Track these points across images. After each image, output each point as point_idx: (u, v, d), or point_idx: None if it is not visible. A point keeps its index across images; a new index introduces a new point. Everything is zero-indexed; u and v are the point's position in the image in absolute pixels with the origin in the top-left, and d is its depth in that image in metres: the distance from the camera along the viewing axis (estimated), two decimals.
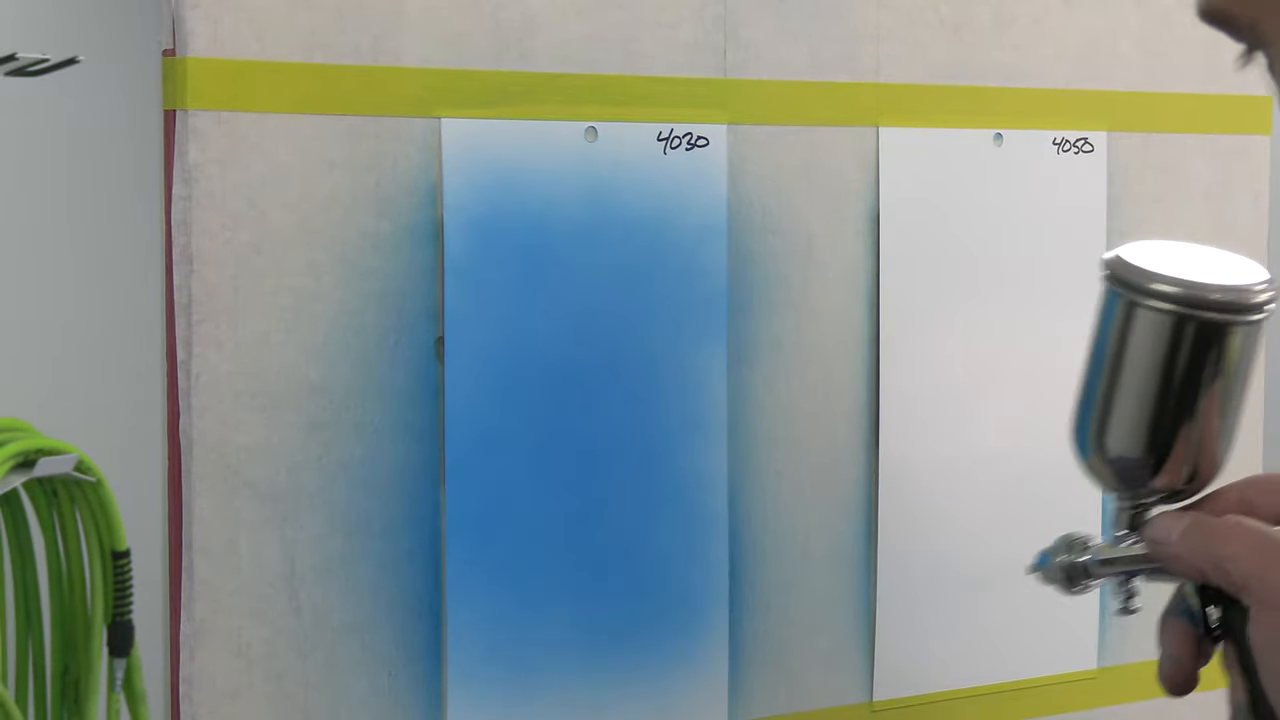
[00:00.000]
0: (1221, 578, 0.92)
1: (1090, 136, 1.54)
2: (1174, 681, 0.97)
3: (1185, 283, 0.96)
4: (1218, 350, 0.97)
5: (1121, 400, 1.00)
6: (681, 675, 1.38)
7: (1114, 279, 0.99)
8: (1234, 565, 0.90)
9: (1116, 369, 0.99)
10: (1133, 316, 0.98)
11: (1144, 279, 0.98)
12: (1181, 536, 0.95)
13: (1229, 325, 0.97)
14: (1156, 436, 0.99)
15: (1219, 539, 0.92)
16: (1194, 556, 0.93)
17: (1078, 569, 1.03)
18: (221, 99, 1.19)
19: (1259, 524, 0.92)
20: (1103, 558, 1.02)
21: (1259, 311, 0.97)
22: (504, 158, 1.29)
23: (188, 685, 1.20)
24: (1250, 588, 0.89)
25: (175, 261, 1.19)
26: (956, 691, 1.51)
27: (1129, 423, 0.99)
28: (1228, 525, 0.93)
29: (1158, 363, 0.97)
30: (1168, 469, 0.99)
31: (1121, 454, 1.00)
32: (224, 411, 1.20)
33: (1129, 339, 0.98)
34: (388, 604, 1.26)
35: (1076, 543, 1.04)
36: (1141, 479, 1.00)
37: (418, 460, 1.27)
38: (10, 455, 1.10)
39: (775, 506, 1.41)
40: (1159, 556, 0.97)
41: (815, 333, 1.42)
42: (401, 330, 1.26)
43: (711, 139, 1.37)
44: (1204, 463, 0.99)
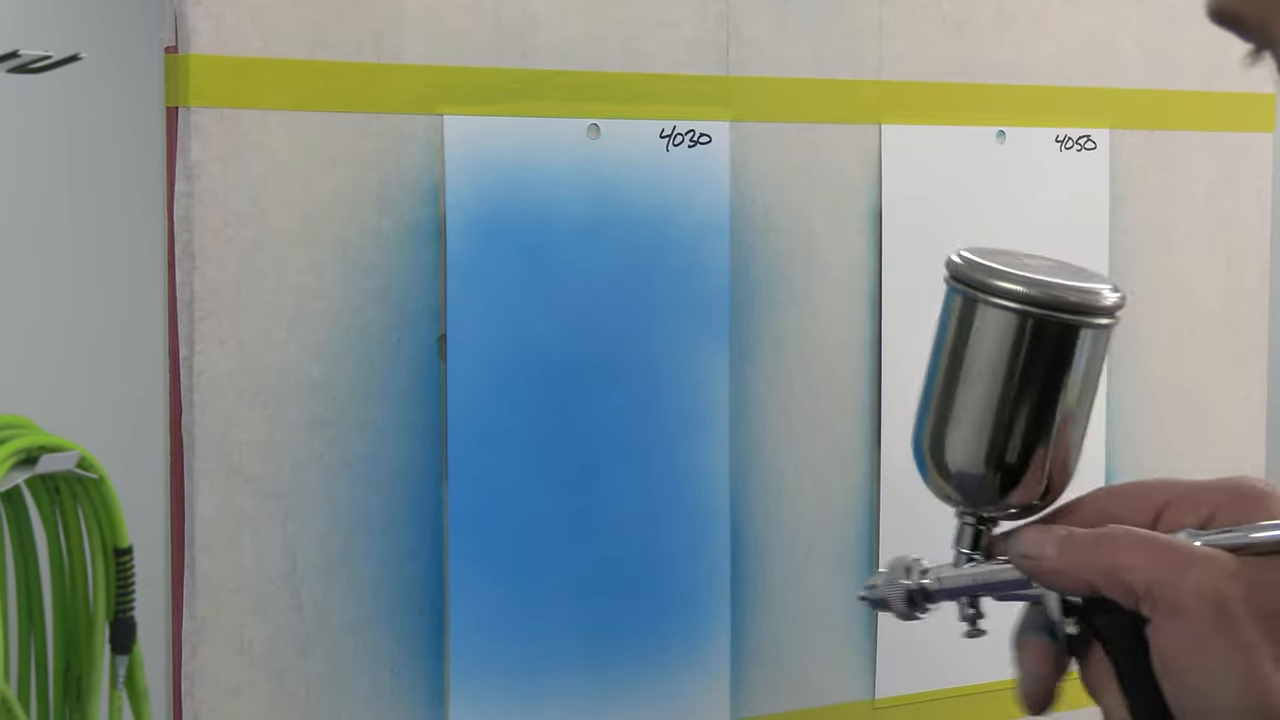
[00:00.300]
0: (1115, 588, 0.88)
1: (1093, 134, 1.54)
2: (1038, 701, 0.93)
3: (1035, 281, 0.92)
4: (1068, 355, 0.93)
5: (963, 411, 0.95)
6: (683, 673, 1.38)
7: (959, 279, 0.95)
8: (1132, 574, 0.87)
9: (958, 377, 0.94)
10: (976, 316, 0.94)
11: (991, 275, 0.93)
12: (1060, 550, 0.90)
13: (1080, 327, 0.93)
14: (1004, 449, 0.94)
15: (1109, 549, 0.89)
16: (1079, 569, 0.89)
17: (918, 593, 0.98)
18: (224, 96, 1.19)
19: (1148, 531, 0.89)
20: (948, 580, 0.97)
21: (1106, 315, 0.93)
22: (506, 155, 1.29)
23: (190, 682, 1.20)
24: (1155, 595, 0.86)
25: (177, 258, 1.19)
26: (958, 689, 1.51)
27: (971, 435, 0.94)
28: (1117, 535, 0.89)
29: (1004, 368, 0.93)
30: (1024, 484, 0.94)
31: (963, 468, 0.95)
32: (226, 409, 1.20)
33: (970, 342, 0.94)
34: (389, 602, 1.26)
35: (913, 566, 0.98)
36: (989, 495, 0.95)
37: (420, 458, 1.27)
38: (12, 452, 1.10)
39: (777, 504, 1.41)
40: (1032, 572, 0.92)
41: (817, 331, 1.42)
42: (404, 328, 1.26)
43: (714, 136, 1.37)
44: (1058, 475, 0.95)
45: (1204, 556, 0.87)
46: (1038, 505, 0.95)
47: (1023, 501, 0.95)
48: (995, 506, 0.95)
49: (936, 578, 0.97)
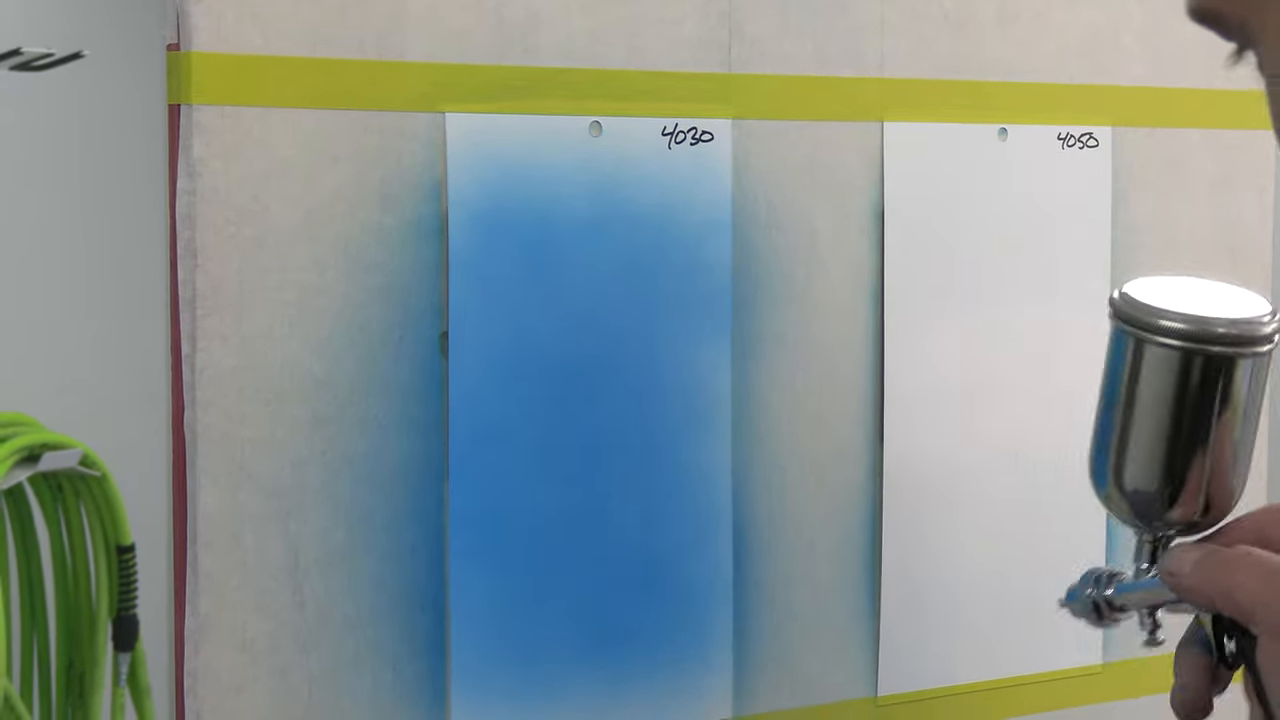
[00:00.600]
0: (1230, 607, 0.93)
1: (1095, 131, 1.54)
2: (1187, 709, 0.98)
3: (1191, 318, 0.97)
4: (1225, 383, 0.98)
5: (1135, 435, 1.00)
6: (686, 669, 1.38)
7: (1120, 316, 1.00)
8: (1241, 594, 0.91)
9: (1129, 405, 1.00)
10: (1141, 353, 0.99)
11: (1150, 315, 0.98)
12: (1194, 568, 0.96)
13: (1236, 358, 0.97)
14: (1171, 469, 0.99)
15: (1228, 569, 0.93)
16: (1205, 587, 0.94)
17: (1103, 603, 1.05)
18: (225, 94, 1.19)
19: (1267, 554, 0.93)
20: (1125, 591, 1.04)
21: (1265, 343, 0.98)
22: (508, 152, 1.29)
23: (192, 680, 1.20)
24: (1257, 615, 0.91)
25: (179, 256, 1.19)
26: (961, 686, 1.51)
27: (1143, 457, 1.00)
28: (1236, 555, 0.94)
29: (1168, 398, 0.98)
30: (1182, 501, 1.00)
31: (1137, 488, 1.00)
32: (228, 406, 1.20)
33: (1139, 375, 0.99)
34: (391, 598, 1.26)
35: (1102, 577, 1.05)
36: (1157, 512, 1.01)
37: (421, 455, 1.27)
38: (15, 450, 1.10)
39: (779, 502, 1.41)
40: (1174, 587, 0.98)
41: (819, 328, 1.42)
42: (406, 325, 1.26)
43: (716, 134, 1.37)
44: (1218, 494, 1.00)
45: None
46: (1199, 522, 1.01)
47: (1184, 519, 1.00)
48: (1161, 523, 1.01)
49: (1115, 589, 1.04)
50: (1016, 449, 1.52)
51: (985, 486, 1.50)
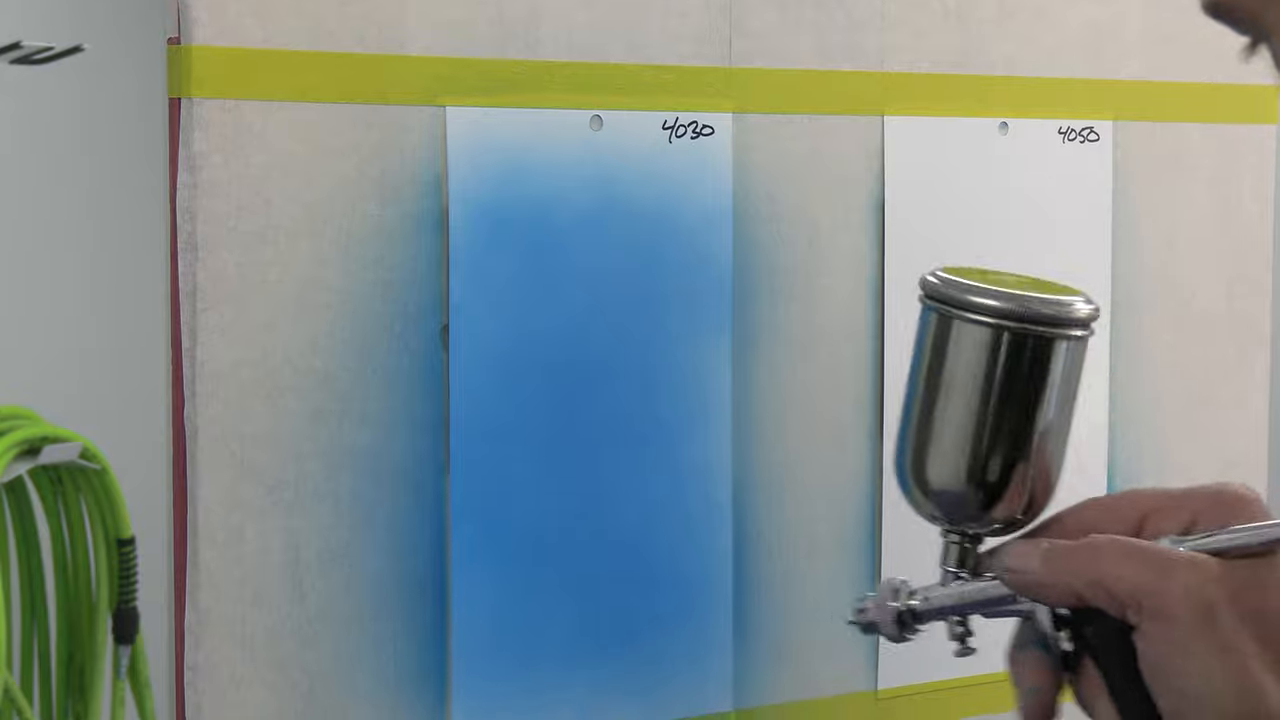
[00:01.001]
0: (1101, 597, 0.89)
1: (1096, 125, 1.54)
2: (1038, 715, 0.95)
3: (1007, 295, 0.93)
4: (1044, 366, 0.94)
5: (942, 428, 0.95)
6: (686, 663, 1.38)
7: (935, 297, 0.95)
8: (1117, 583, 0.88)
9: (936, 394, 0.95)
10: (951, 333, 0.94)
11: (964, 292, 0.94)
12: (1045, 562, 0.91)
13: (1054, 339, 0.93)
14: (984, 465, 0.95)
15: (1095, 559, 0.89)
16: (1065, 581, 0.90)
17: (907, 614, 0.99)
18: (226, 87, 1.19)
19: (1131, 539, 0.90)
20: (937, 600, 0.98)
21: (1081, 327, 0.94)
22: (509, 146, 1.29)
23: (192, 673, 1.20)
24: (1141, 602, 0.87)
25: (180, 249, 1.19)
26: (961, 680, 1.51)
27: (951, 452, 0.95)
28: (1101, 544, 0.90)
29: (980, 383, 0.94)
30: (1006, 498, 0.95)
31: (944, 486, 0.95)
32: (229, 400, 1.20)
33: (946, 358, 0.95)
34: (392, 593, 1.27)
35: (901, 587, 0.99)
36: (972, 512, 0.96)
37: (422, 449, 1.27)
38: (15, 443, 1.10)
39: (780, 494, 1.41)
40: (1019, 585, 0.93)
41: (820, 322, 1.42)
42: (406, 319, 1.26)
43: (717, 128, 1.37)
44: (1040, 489, 0.96)
45: (1188, 561, 0.87)
46: (1021, 520, 0.96)
47: (1006, 516, 0.96)
48: (979, 523, 0.96)
49: (925, 598, 0.98)
50: None
51: None
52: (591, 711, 1.34)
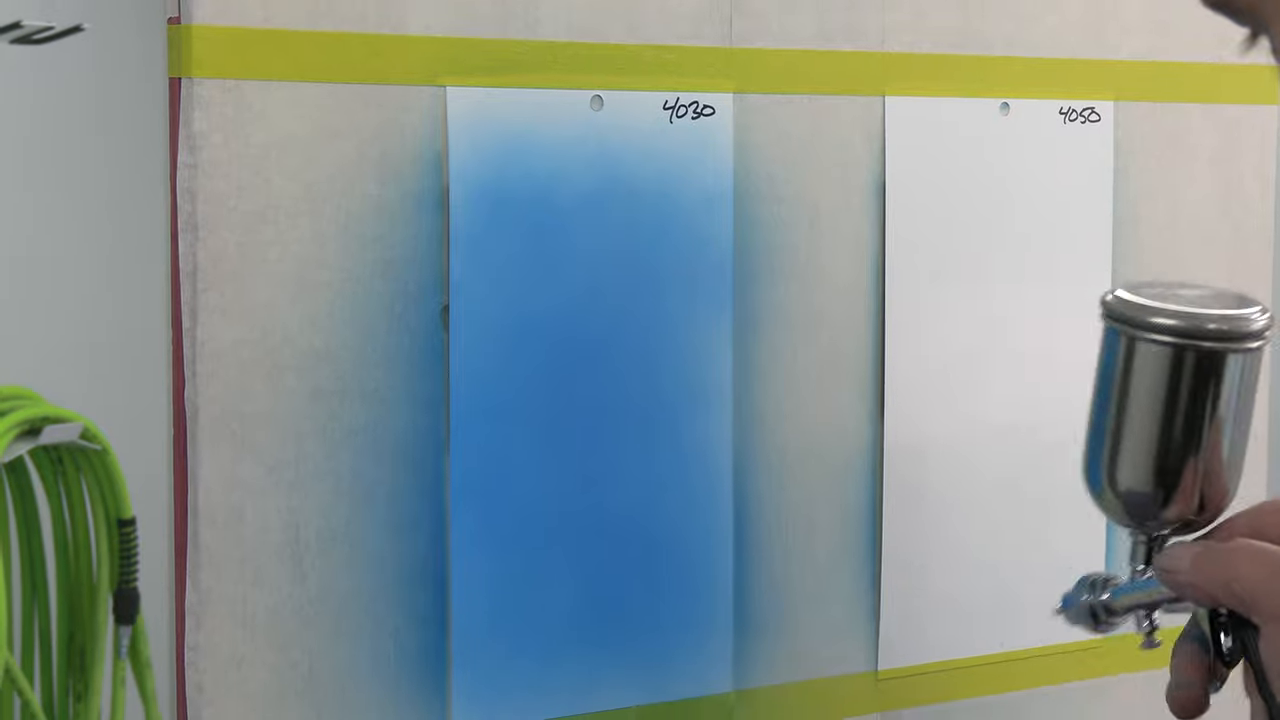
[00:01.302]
0: (1230, 599, 0.94)
1: (1097, 106, 1.53)
2: (1184, 707, 0.98)
3: (1182, 314, 0.99)
4: (1217, 379, 0.99)
5: (1129, 434, 1.01)
6: (686, 644, 1.38)
7: (1112, 316, 1.01)
8: (1241, 585, 0.92)
9: (1122, 405, 1.01)
10: (1133, 352, 1.00)
11: (1142, 313, 0.99)
12: (1192, 564, 0.96)
13: (1226, 353, 0.98)
14: (1164, 468, 1.00)
15: (1227, 562, 0.94)
16: (1205, 582, 0.95)
17: (1099, 608, 1.05)
18: (227, 67, 1.19)
19: (1264, 544, 0.94)
20: (1122, 594, 1.04)
21: (1255, 339, 0.99)
22: (509, 126, 1.29)
23: (193, 653, 1.21)
24: (1258, 604, 0.92)
25: (180, 229, 1.19)
26: (961, 661, 1.51)
27: (1136, 457, 1.01)
28: (1235, 547, 0.95)
29: (1160, 395, 0.99)
30: (1177, 500, 1.00)
31: (1131, 487, 1.01)
32: (229, 379, 1.20)
33: (1131, 374, 1.00)
34: (392, 572, 1.27)
35: (1097, 581, 1.06)
36: (1152, 511, 1.01)
37: (423, 428, 1.27)
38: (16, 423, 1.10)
39: (780, 476, 1.41)
40: (1172, 585, 0.98)
41: (821, 302, 1.42)
42: (407, 298, 1.26)
43: (717, 108, 1.36)
44: (1213, 492, 1.01)
45: None
46: (1195, 520, 1.01)
47: (1179, 517, 1.01)
48: (1156, 523, 1.02)
49: (1112, 593, 1.05)
50: (1016, 424, 1.52)
51: (985, 461, 1.51)
52: (591, 691, 1.34)
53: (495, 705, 1.31)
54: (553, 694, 1.33)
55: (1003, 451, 1.51)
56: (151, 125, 1.19)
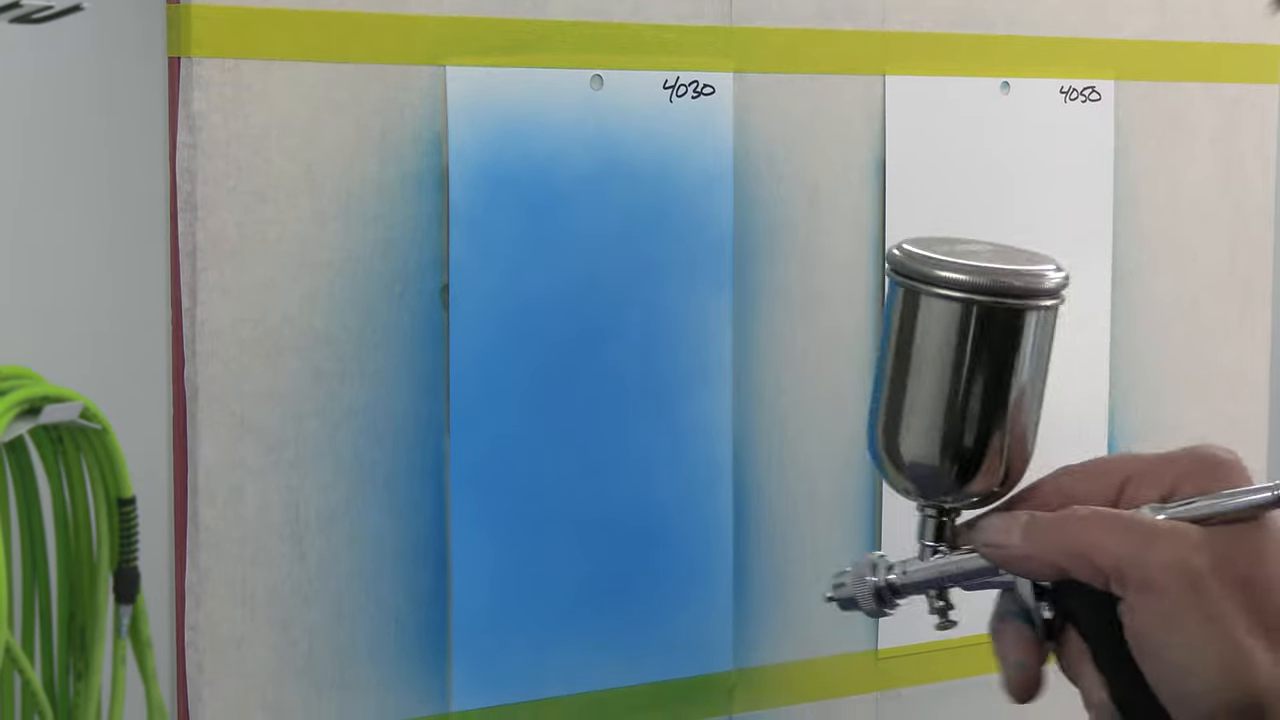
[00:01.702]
0: (1084, 569, 0.87)
1: (1098, 85, 1.53)
2: (1025, 689, 0.92)
3: (974, 268, 0.91)
4: (1014, 338, 0.93)
5: (913, 403, 0.94)
6: (686, 624, 1.38)
7: (898, 270, 0.94)
8: (1099, 554, 0.86)
9: (906, 368, 0.93)
10: (919, 307, 0.93)
11: (931, 266, 0.92)
12: (1025, 536, 0.90)
13: (1024, 310, 0.92)
14: (963, 438, 0.93)
15: (1076, 531, 0.88)
16: (1046, 553, 0.89)
17: (886, 589, 0.97)
18: (226, 46, 1.19)
19: (1116, 511, 0.88)
20: (916, 574, 0.96)
21: (1051, 296, 0.93)
22: (509, 106, 1.29)
23: (193, 632, 1.21)
24: (1124, 573, 0.86)
25: (180, 209, 1.19)
26: (961, 640, 1.51)
27: (923, 426, 0.94)
28: (1081, 515, 0.88)
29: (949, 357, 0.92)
30: (983, 472, 0.93)
31: (918, 461, 0.94)
32: (229, 359, 1.20)
33: (916, 333, 0.93)
34: (392, 552, 1.27)
35: (878, 562, 0.98)
36: (949, 485, 0.94)
37: (423, 408, 1.27)
38: (16, 402, 1.10)
39: (780, 454, 1.42)
40: (999, 559, 0.91)
41: (820, 281, 1.42)
42: (406, 278, 1.26)
43: (717, 87, 1.36)
44: (1016, 460, 0.94)
45: (1169, 530, 0.86)
46: (998, 492, 0.95)
47: (982, 490, 0.94)
48: (955, 496, 0.94)
49: (903, 572, 0.96)
50: None
51: None
52: (591, 671, 1.35)
53: (495, 684, 1.31)
54: (553, 673, 1.33)
55: None
56: (151, 105, 1.19)
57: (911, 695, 1.50)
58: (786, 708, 1.44)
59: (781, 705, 1.44)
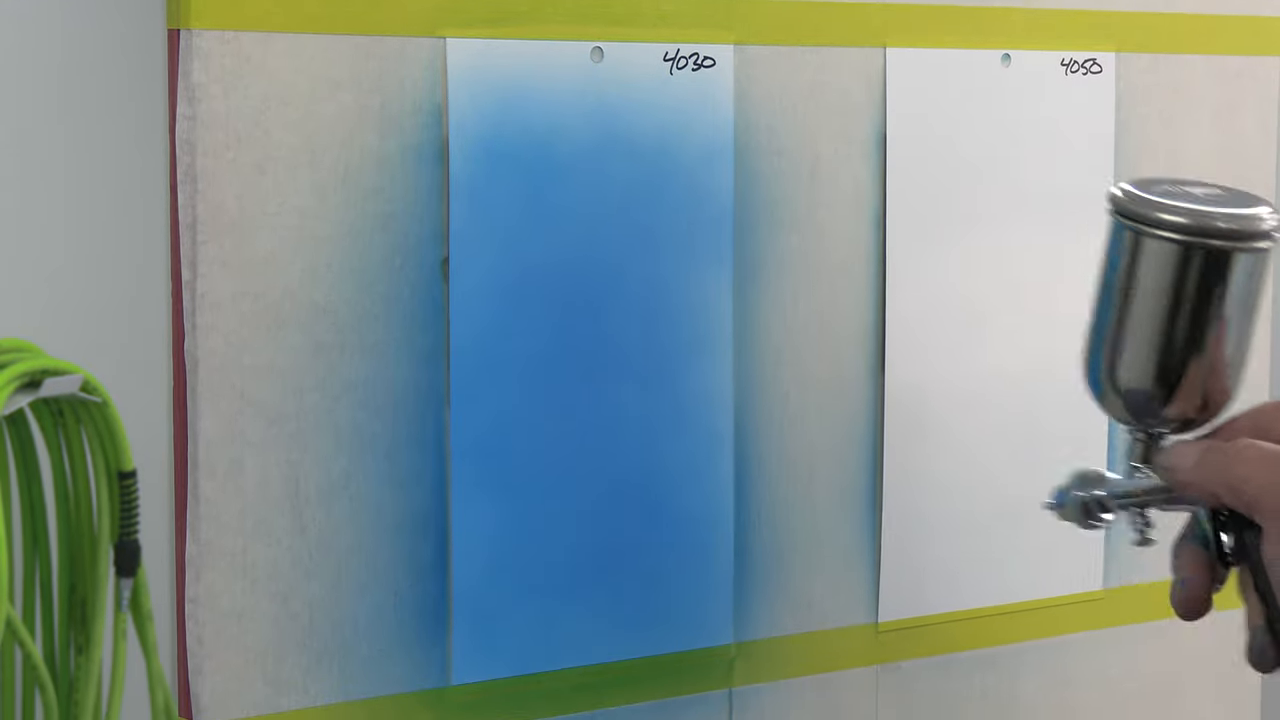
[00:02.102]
0: (1234, 499, 0.94)
1: (1099, 57, 1.53)
2: (1187, 606, 1.00)
3: (1191, 211, 0.99)
4: (1223, 278, 0.99)
5: (1131, 333, 1.01)
6: (686, 596, 1.38)
7: (1120, 212, 1.01)
8: (1246, 485, 0.93)
9: (1126, 302, 1.01)
10: (1140, 248, 1.00)
11: (1150, 209, 1.00)
12: (1196, 463, 0.97)
13: (1234, 252, 0.99)
14: (1167, 367, 1.01)
15: (1231, 461, 0.95)
16: (1208, 481, 0.96)
17: (1093, 503, 1.05)
18: (225, 18, 1.19)
19: (1269, 445, 0.94)
20: (1118, 491, 1.04)
21: (1264, 239, 0.99)
22: (509, 78, 1.29)
23: (193, 605, 1.21)
24: (1261, 504, 0.92)
25: (179, 182, 1.19)
26: (962, 613, 1.52)
27: (1139, 355, 1.01)
28: (1240, 447, 0.95)
29: (1165, 293, 0.99)
30: (1179, 399, 1.01)
31: (1132, 386, 1.01)
32: (229, 332, 1.20)
33: (1137, 271, 1.01)
34: (393, 525, 1.27)
35: (1091, 477, 1.06)
36: (1153, 410, 1.02)
37: (423, 381, 1.27)
38: (16, 375, 1.10)
39: (781, 427, 1.42)
40: (1174, 484, 0.99)
41: (821, 253, 1.42)
42: (406, 251, 1.26)
43: (718, 59, 1.36)
44: (1215, 392, 1.01)
45: None
46: (1197, 420, 1.02)
47: (1180, 415, 1.02)
48: (1157, 420, 1.02)
49: (1110, 490, 1.05)
50: (1018, 374, 1.52)
51: (987, 411, 1.51)
52: (592, 643, 1.35)
53: (496, 656, 1.31)
54: (553, 646, 1.34)
55: (1004, 399, 1.52)
56: (150, 77, 1.19)
57: (911, 668, 1.50)
58: (786, 680, 1.44)
59: (781, 678, 1.44)
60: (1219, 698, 1.68)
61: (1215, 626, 1.12)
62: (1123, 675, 1.62)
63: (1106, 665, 1.61)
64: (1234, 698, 1.69)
